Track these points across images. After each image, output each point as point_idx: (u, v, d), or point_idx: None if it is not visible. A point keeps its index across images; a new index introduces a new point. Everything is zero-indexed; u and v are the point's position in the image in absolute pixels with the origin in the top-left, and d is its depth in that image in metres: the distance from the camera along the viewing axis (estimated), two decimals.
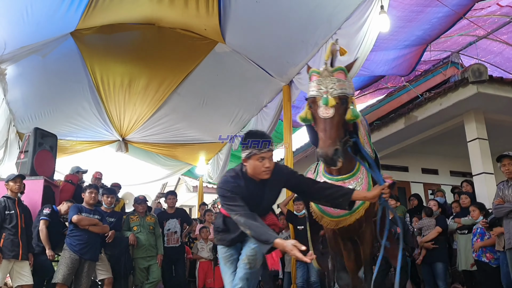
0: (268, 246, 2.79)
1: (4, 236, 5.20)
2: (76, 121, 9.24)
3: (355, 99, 3.34)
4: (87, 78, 7.98)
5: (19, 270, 5.29)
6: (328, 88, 3.08)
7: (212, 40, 7.09)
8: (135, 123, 9.58)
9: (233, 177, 3.10)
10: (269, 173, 3.02)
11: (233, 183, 3.04)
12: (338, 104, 3.06)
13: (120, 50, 7.49)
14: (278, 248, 2.78)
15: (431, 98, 7.54)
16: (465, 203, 6.65)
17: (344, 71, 3.17)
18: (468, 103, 7.11)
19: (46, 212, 5.94)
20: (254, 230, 2.85)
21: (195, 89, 8.41)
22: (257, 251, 3.07)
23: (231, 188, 3.02)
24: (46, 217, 5.88)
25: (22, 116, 8.78)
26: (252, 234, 2.86)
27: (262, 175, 3.02)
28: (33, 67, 7.42)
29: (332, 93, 3.06)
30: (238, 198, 2.97)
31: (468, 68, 6.89)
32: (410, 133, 8.57)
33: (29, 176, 6.35)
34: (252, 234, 2.86)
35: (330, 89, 3.07)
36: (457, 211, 6.80)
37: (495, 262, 5.63)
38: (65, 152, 10.20)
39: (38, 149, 6.87)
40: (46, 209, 5.99)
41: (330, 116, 3.02)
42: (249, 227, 2.87)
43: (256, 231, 2.84)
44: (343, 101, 3.09)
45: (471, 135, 7.40)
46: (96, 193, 6.09)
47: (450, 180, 10.47)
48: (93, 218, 5.80)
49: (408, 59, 7.10)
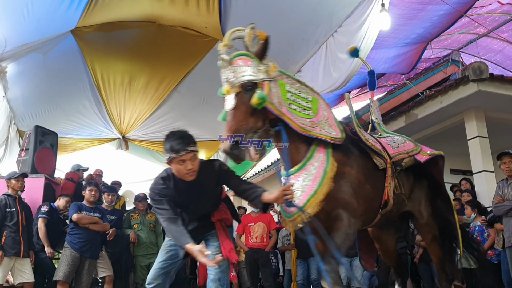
0: (184, 251, 2.85)
1: (5, 233, 5.21)
2: (77, 119, 9.25)
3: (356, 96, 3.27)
4: (88, 76, 7.99)
5: (20, 267, 5.30)
6: (229, 78, 2.84)
7: (212, 38, 7.09)
8: (135, 121, 9.59)
9: (163, 178, 3.05)
10: (193, 174, 2.93)
11: (161, 185, 3.01)
12: (241, 92, 2.78)
13: (120, 48, 7.49)
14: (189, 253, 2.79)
15: (431, 96, 7.54)
16: (466, 200, 6.66)
17: (248, 55, 2.90)
18: (469, 101, 7.10)
19: (44, 210, 5.93)
20: (173, 234, 2.89)
21: (195, 88, 8.41)
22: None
23: (159, 191, 2.99)
24: (44, 215, 5.87)
25: (23, 114, 8.78)
26: (171, 238, 2.95)
27: (186, 178, 2.94)
28: (33, 65, 7.43)
29: (233, 82, 2.79)
30: (165, 201, 2.95)
31: (469, 66, 6.88)
32: (410, 131, 8.54)
33: (30, 174, 6.35)
34: (172, 238, 2.95)
35: (230, 79, 2.82)
36: (457, 209, 6.79)
37: (496, 259, 5.65)
38: (66, 150, 10.20)
39: (39, 147, 6.87)
40: (44, 206, 5.99)
41: (231, 107, 2.77)
42: (169, 231, 2.92)
43: (174, 235, 2.87)
44: (247, 88, 2.77)
45: (472, 133, 7.39)
46: (96, 191, 6.06)
47: (450, 178, 10.42)
48: (93, 217, 5.78)
49: (409, 57, 7.11)
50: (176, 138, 2.91)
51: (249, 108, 2.76)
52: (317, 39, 6.20)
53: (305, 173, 2.93)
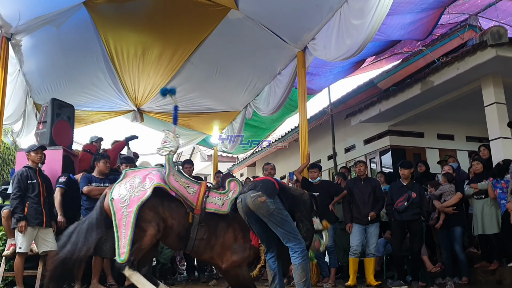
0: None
1: (27, 204, 5.36)
2: (92, 91, 9.31)
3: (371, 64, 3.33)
4: (101, 48, 7.99)
5: (43, 236, 5.47)
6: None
7: (225, 7, 6.99)
8: (149, 93, 9.62)
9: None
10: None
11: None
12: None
13: (133, 19, 7.44)
14: None
15: (448, 63, 7.42)
16: (477, 169, 6.65)
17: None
18: (486, 67, 6.98)
19: (62, 180, 6.07)
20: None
21: (208, 58, 8.36)
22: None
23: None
24: (62, 185, 6.01)
25: (39, 87, 8.88)
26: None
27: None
28: (47, 38, 7.45)
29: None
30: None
31: (487, 31, 6.73)
32: (426, 98, 8.48)
33: (49, 146, 6.45)
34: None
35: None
36: (473, 176, 6.79)
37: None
38: (82, 122, 10.33)
39: (56, 119, 6.96)
40: (62, 177, 6.12)
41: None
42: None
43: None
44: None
45: (489, 99, 7.29)
46: (109, 162, 6.23)
47: (466, 146, 10.39)
48: (103, 187, 5.90)
49: (425, 23, 6.93)
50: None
51: None
52: (331, 5, 6.08)
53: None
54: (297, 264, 3.79)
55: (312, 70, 8.18)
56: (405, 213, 6.18)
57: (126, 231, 3.89)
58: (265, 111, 9.11)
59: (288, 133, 13.12)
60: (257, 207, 3.83)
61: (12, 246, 5.46)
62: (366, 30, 5.35)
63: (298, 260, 3.79)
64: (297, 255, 3.79)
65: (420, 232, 6.35)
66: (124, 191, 4.04)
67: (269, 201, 3.82)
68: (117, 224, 3.93)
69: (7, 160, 13.40)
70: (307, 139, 6.98)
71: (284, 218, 3.85)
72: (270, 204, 3.82)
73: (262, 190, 3.90)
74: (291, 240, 3.83)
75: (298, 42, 7.21)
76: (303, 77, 7.16)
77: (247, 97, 9.71)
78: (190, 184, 4.24)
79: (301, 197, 4.04)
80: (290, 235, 3.84)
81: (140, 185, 4.06)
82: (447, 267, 6.38)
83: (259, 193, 3.86)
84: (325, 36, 6.53)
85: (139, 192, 4.01)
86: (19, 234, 5.27)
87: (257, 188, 3.93)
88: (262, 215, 3.84)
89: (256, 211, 3.85)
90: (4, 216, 5.63)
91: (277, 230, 3.86)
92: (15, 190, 5.37)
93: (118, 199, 4.01)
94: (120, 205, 3.98)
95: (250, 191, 3.94)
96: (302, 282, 3.78)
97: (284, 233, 3.84)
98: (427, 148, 10.30)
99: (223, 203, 4.15)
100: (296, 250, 3.80)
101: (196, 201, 4.12)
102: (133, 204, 3.95)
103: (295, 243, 3.82)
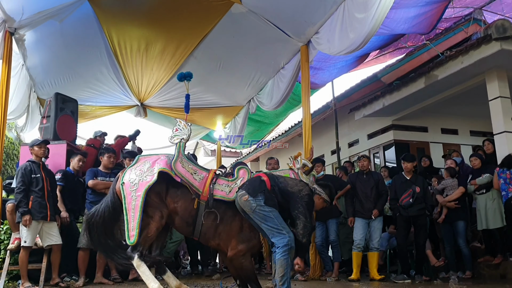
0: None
1: (32, 198, 5.39)
2: (95, 86, 9.31)
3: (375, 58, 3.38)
4: (104, 42, 7.98)
5: (48, 230, 5.50)
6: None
7: (228, 1, 6.96)
8: (152, 88, 9.61)
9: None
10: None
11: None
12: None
13: (136, 13, 7.42)
14: None
15: (452, 57, 7.39)
16: (475, 165, 6.64)
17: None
18: (491, 61, 6.95)
19: (58, 177, 6.10)
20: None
21: (212, 52, 8.34)
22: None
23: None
24: (58, 183, 6.04)
25: (42, 82, 8.89)
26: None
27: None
28: (50, 33, 7.45)
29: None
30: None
31: (492, 24, 6.69)
32: (430, 92, 8.46)
33: (52, 141, 6.48)
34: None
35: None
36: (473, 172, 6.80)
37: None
38: (85, 117, 10.35)
39: (60, 114, 6.98)
40: (58, 174, 6.14)
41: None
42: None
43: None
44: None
45: (493, 93, 7.26)
46: (114, 157, 6.26)
47: (470, 140, 10.36)
48: (108, 181, 5.96)
49: (430, 17, 6.88)
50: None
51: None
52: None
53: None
54: (276, 260, 3.78)
55: (316, 64, 8.15)
56: (410, 209, 6.18)
57: (134, 214, 4.04)
58: (269, 106, 9.10)
59: (291, 127, 13.10)
60: (242, 205, 3.93)
61: (17, 240, 5.49)
62: (370, 24, 5.32)
63: (277, 256, 3.79)
64: (278, 250, 3.80)
65: (425, 226, 6.35)
66: (134, 175, 4.19)
67: (251, 199, 3.89)
68: (127, 208, 4.08)
69: (11, 154, 13.45)
70: (310, 133, 6.97)
71: (267, 215, 3.88)
72: (252, 202, 3.88)
73: (246, 189, 3.99)
74: (275, 235, 3.84)
75: (302, 36, 7.18)
76: (306, 71, 7.13)
77: (251, 91, 9.70)
78: (198, 170, 4.30)
79: (298, 193, 4.03)
80: (274, 230, 3.85)
81: (148, 170, 4.19)
82: (450, 262, 6.39)
83: (243, 191, 3.96)
84: (328, 30, 6.51)
85: (147, 177, 4.15)
86: (23, 228, 5.30)
87: (243, 187, 4.04)
88: (246, 212, 3.93)
89: (243, 209, 3.94)
90: (9, 210, 5.67)
91: (262, 226, 3.90)
92: (19, 184, 5.40)
93: (128, 183, 4.16)
94: (130, 189, 4.12)
95: (239, 189, 4.06)
96: (279, 278, 3.76)
97: (268, 228, 3.87)
98: (431, 143, 10.28)
99: (230, 190, 4.18)
100: (278, 245, 3.81)
101: (203, 188, 4.16)
102: (141, 188, 4.09)
103: (279, 238, 3.83)
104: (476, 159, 6.67)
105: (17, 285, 5.42)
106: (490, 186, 6.38)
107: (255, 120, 11.17)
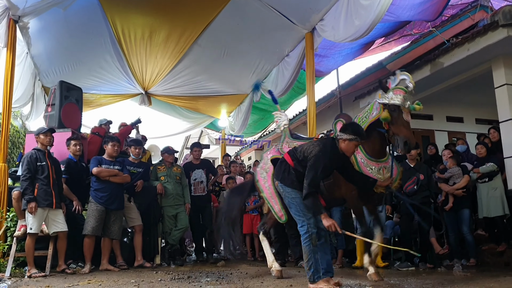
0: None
1: (37, 186, 5.43)
2: (100, 74, 9.31)
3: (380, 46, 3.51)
4: (108, 30, 7.95)
5: (53, 217, 5.54)
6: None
7: None
8: (157, 76, 9.60)
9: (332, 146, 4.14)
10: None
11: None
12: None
13: (139, 1, 7.38)
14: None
15: (458, 44, 7.30)
16: (481, 153, 6.61)
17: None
18: (497, 48, 6.87)
19: (62, 170, 6.09)
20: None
21: (216, 40, 8.30)
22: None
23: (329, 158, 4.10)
24: (64, 175, 6.05)
25: (47, 70, 8.90)
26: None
27: (350, 155, 4.20)
28: (54, 21, 7.43)
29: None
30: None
31: (499, 11, 6.60)
32: (436, 80, 8.39)
33: (57, 129, 6.49)
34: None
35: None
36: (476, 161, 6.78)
37: None
38: (90, 105, 10.36)
39: (65, 102, 6.99)
40: (61, 166, 6.10)
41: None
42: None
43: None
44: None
45: (499, 81, 7.19)
46: (118, 146, 6.28)
47: (476, 128, 10.31)
48: (112, 169, 6.00)
49: (436, 3, 6.80)
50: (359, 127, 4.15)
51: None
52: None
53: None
54: (302, 247, 3.99)
55: (321, 51, 8.10)
56: (415, 196, 6.17)
57: (274, 199, 5.15)
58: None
59: (296, 116, 13.08)
60: (278, 189, 4.45)
61: (23, 227, 5.53)
62: (375, 11, 5.29)
63: (302, 243, 3.99)
64: (302, 238, 3.98)
65: (429, 214, 6.34)
66: (262, 171, 5.36)
67: (280, 185, 4.21)
68: (267, 197, 5.27)
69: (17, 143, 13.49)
70: (315, 122, 6.96)
71: (290, 201, 4.09)
72: (280, 187, 4.21)
73: (275, 174, 4.42)
74: (298, 222, 4.01)
75: (306, 23, 7.14)
76: (311, 59, 7.09)
77: (255, 79, 9.67)
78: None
79: (310, 154, 4.02)
80: (296, 217, 4.04)
81: (267, 163, 5.33)
82: (454, 249, 6.39)
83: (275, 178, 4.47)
84: (333, 17, 6.46)
85: (269, 169, 5.25)
86: (29, 215, 5.34)
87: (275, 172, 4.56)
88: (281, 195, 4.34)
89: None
90: (15, 197, 5.71)
91: (290, 211, 4.16)
92: (25, 172, 5.43)
93: (261, 178, 5.36)
94: (263, 182, 5.32)
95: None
96: (305, 263, 3.96)
97: (293, 214, 4.09)
98: (436, 131, 10.23)
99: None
100: (301, 233, 3.98)
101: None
102: (269, 179, 5.21)
103: (300, 226, 4.00)
104: (482, 147, 6.63)
105: (24, 271, 5.48)
106: (494, 175, 6.36)
107: (260, 109, 11.15)
